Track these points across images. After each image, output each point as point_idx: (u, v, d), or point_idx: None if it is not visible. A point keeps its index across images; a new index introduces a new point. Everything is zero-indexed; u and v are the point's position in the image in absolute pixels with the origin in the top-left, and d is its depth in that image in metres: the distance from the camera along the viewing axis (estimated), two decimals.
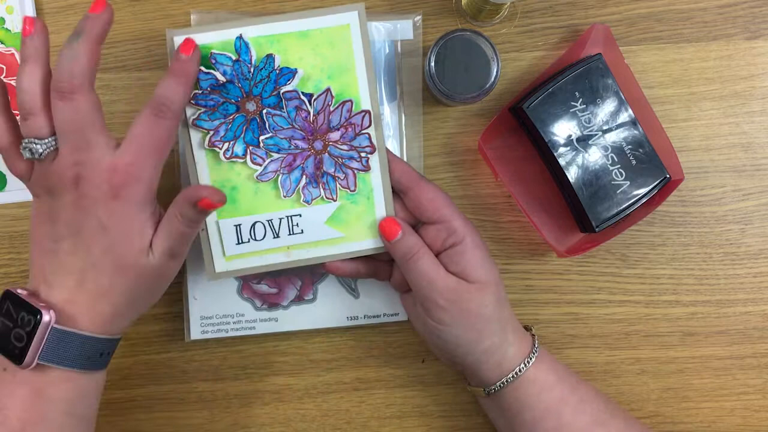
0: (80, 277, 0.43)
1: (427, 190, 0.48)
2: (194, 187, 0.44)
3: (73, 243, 0.43)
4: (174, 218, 0.44)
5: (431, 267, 0.47)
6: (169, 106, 0.44)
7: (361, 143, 0.50)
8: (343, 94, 0.49)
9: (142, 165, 0.43)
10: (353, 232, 0.50)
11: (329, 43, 0.49)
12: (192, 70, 0.45)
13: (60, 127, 0.42)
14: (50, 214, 0.44)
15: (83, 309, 0.43)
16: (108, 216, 0.43)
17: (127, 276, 0.44)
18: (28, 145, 0.42)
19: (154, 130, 0.43)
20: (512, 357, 0.49)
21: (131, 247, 0.43)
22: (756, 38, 0.57)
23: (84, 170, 0.42)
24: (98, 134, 0.43)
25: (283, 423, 0.57)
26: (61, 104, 0.42)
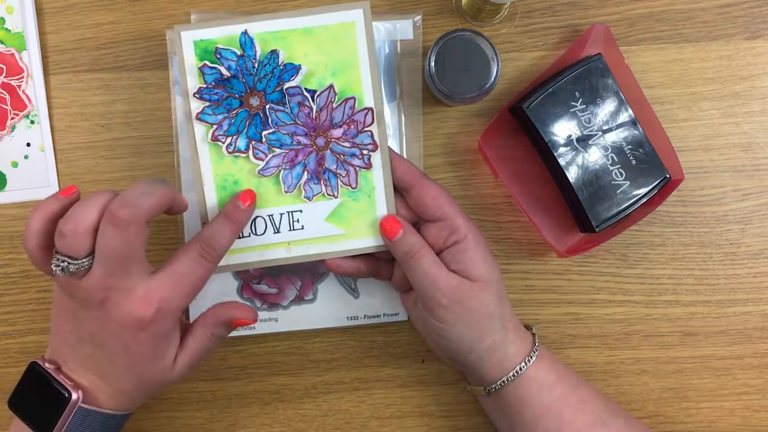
0: (101, 377, 0.44)
1: (430, 188, 0.48)
2: (225, 306, 0.46)
3: (95, 350, 0.44)
4: (204, 337, 0.46)
5: (433, 266, 0.47)
6: (216, 248, 0.45)
7: (364, 140, 0.50)
8: (346, 91, 0.49)
9: (176, 301, 0.43)
10: (354, 229, 0.50)
11: (334, 40, 0.49)
12: (244, 221, 0.48)
13: (102, 251, 0.41)
14: (75, 316, 0.43)
15: (104, 396, 0.44)
16: (133, 343, 0.43)
17: (148, 386, 0.45)
18: (61, 263, 0.41)
19: (196, 269, 0.44)
20: (513, 355, 0.49)
21: (154, 368, 0.44)
22: (756, 38, 0.57)
23: (115, 295, 0.42)
24: (138, 264, 0.42)
25: (283, 423, 0.57)
26: (112, 230, 0.40)
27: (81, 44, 0.56)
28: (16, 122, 0.56)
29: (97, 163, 0.56)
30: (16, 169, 0.56)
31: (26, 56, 0.55)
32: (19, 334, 0.56)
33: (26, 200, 0.56)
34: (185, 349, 0.46)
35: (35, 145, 0.56)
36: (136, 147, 0.56)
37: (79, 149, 0.56)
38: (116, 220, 0.40)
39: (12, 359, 0.56)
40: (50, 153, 0.56)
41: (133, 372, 0.44)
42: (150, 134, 0.56)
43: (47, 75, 0.56)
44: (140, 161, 0.56)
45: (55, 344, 0.45)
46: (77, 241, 0.40)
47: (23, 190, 0.56)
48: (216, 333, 0.46)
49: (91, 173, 0.56)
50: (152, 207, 0.41)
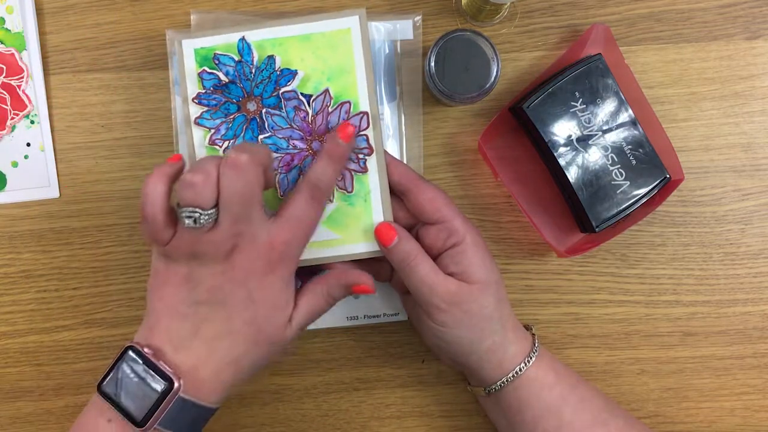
0: (212, 345, 0.43)
1: (427, 191, 0.48)
2: (349, 270, 0.47)
3: (212, 310, 0.43)
4: (321, 297, 0.46)
5: (429, 272, 0.47)
6: (324, 189, 0.46)
7: (359, 145, 0.50)
8: (342, 96, 0.49)
9: (296, 244, 0.44)
10: (350, 234, 0.50)
11: (330, 46, 0.49)
12: (346, 156, 0.47)
13: (226, 198, 0.41)
14: (189, 279, 0.43)
15: (207, 377, 0.43)
16: (258, 290, 0.43)
17: (262, 347, 0.45)
18: (193, 214, 0.41)
19: (310, 211, 0.45)
20: (513, 356, 0.49)
21: (274, 322, 0.44)
22: (756, 38, 0.57)
23: (242, 242, 0.43)
24: (258, 209, 0.43)
25: (283, 423, 0.57)
26: (233, 173, 0.41)
27: (81, 44, 0.56)
28: (16, 122, 0.56)
29: (97, 163, 0.56)
30: (16, 169, 0.56)
31: (26, 56, 0.55)
32: (19, 334, 0.56)
33: (26, 200, 0.56)
34: (299, 308, 0.45)
35: (35, 145, 0.56)
36: (136, 147, 0.56)
37: (79, 149, 0.56)
38: (236, 162, 0.41)
39: (12, 359, 0.56)
40: (50, 153, 0.56)
41: (252, 327, 0.43)
42: (150, 134, 0.56)
43: (47, 75, 0.56)
44: (140, 161, 0.56)
45: (156, 321, 0.44)
46: (207, 189, 0.41)
47: (23, 190, 0.56)
48: (333, 294, 0.46)
49: (91, 173, 0.56)
50: (263, 155, 0.43)
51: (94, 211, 0.56)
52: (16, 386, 0.56)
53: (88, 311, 0.56)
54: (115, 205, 0.56)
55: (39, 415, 0.56)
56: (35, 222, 0.56)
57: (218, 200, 0.42)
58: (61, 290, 0.56)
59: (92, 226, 0.56)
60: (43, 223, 0.56)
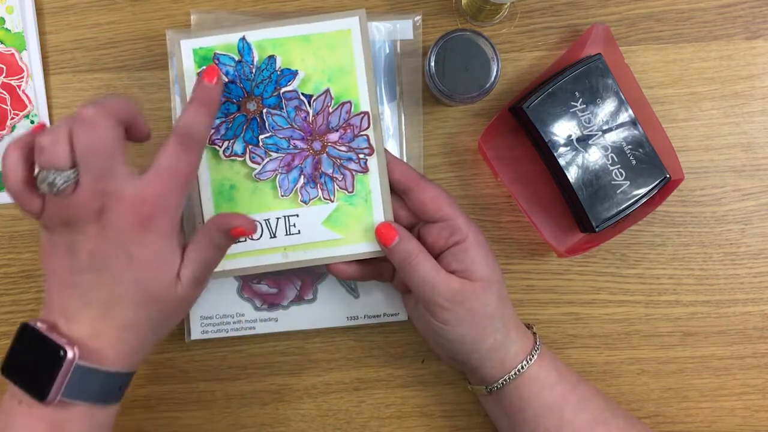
0: (104, 311, 0.42)
1: (428, 190, 0.48)
2: (225, 215, 0.44)
3: (97, 275, 0.42)
4: (203, 246, 0.44)
5: (431, 271, 0.47)
6: (194, 136, 0.43)
7: (360, 145, 0.50)
8: (342, 96, 0.49)
9: (170, 195, 0.42)
10: (351, 234, 0.50)
11: (330, 47, 0.49)
12: (216, 98, 0.45)
13: (82, 155, 0.40)
14: (69, 247, 0.42)
15: (107, 343, 0.42)
16: (136, 248, 0.42)
17: (154, 307, 0.43)
18: (47, 177, 0.40)
19: (180, 162, 0.43)
20: (515, 354, 0.49)
21: (159, 279, 0.43)
22: (756, 38, 0.57)
23: (109, 200, 0.41)
24: (121, 164, 0.42)
25: (283, 423, 0.57)
26: (83, 128, 0.40)
27: (81, 44, 0.56)
28: (16, 122, 0.56)
29: None
30: None
31: (26, 56, 0.55)
32: None
33: None
34: (186, 261, 0.44)
35: None
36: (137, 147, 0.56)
37: None
38: (84, 117, 0.40)
39: None
40: None
41: (138, 287, 0.42)
42: None
43: (47, 75, 0.56)
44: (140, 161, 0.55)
45: (50, 296, 0.43)
46: (58, 149, 0.40)
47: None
48: (215, 242, 0.44)
49: None
50: (114, 105, 0.42)
51: None
52: None
53: None
54: None
55: None
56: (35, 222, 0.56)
57: (76, 159, 0.41)
58: None
59: None
60: None
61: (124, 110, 0.42)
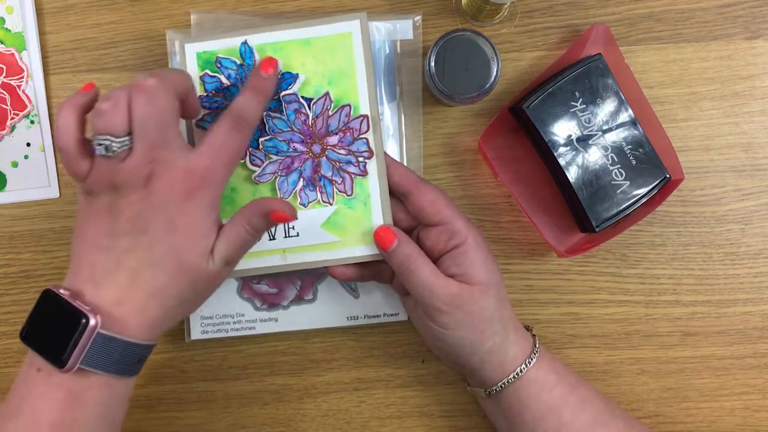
0: (134, 276, 0.42)
1: (428, 193, 0.48)
2: (266, 199, 0.45)
3: (134, 239, 0.42)
4: (240, 226, 0.45)
5: (430, 275, 0.47)
6: (246, 119, 0.45)
7: (359, 148, 0.50)
8: (342, 99, 0.49)
9: (217, 170, 0.43)
10: (350, 237, 0.50)
11: (331, 50, 0.49)
12: (270, 88, 0.47)
13: (139, 123, 0.41)
14: (110, 211, 0.42)
15: (131, 311, 0.42)
16: (179, 215, 0.42)
17: (185, 278, 0.43)
18: (104, 141, 0.41)
19: (231, 140, 0.44)
20: (514, 357, 0.49)
21: (195, 249, 0.43)
22: (756, 38, 0.57)
23: (159, 168, 0.42)
24: (176, 135, 0.43)
25: (283, 423, 0.57)
26: (143, 98, 0.41)
27: (81, 44, 0.56)
28: (16, 122, 0.56)
29: None
30: (16, 169, 0.56)
31: (26, 56, 0.55)
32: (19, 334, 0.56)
33: (26, 200, 0.56)
34: (222, 239, 0.44)
35: (35, 145, 0.56)
36: None
37: None
38: (145, 87, 0.41)
39: (12, 359, 0.56)
40: (50, 153, 0.56)
41: (173, 254, 0.42)
42: None
43: (47, 75, 0.56)
44: None
45: (79, 260, 0.43)
46: (117, 116, 0.41)
47: (23, 190, 0.56)
48: (253, 224, 0.45)
49: None
50: (174, 79, 0.43)
51: None
52: None
53: None
54: None
55: None
56: (35, 222, 0.56)
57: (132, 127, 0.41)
58: None
59: None
60: (43, 223, 0.56)
61: (181, 84, 0.44)
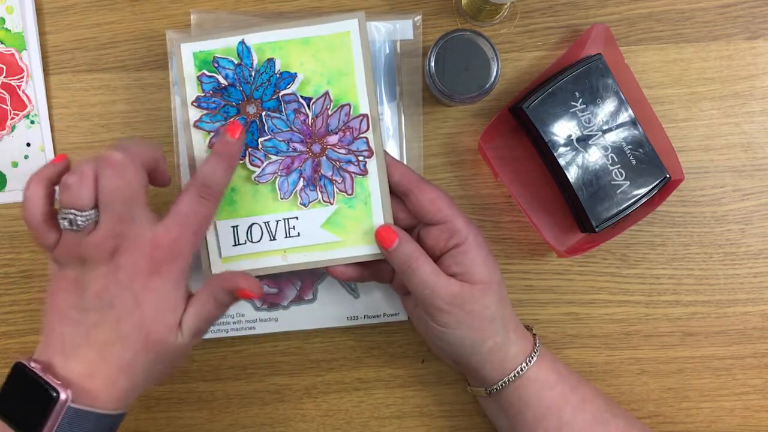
0: (103, 350, 0.42)
1: (428, 192, 0.48)
2: (232, 274, 0.45)
3: (101, 314, 0.42)
4: (207, 301, 0.45)
5: (431, 274, 0.47)
6: (212, 187, 0.45)
7: (359, 147, 0.50)
8: (341, 99, 0.49)
9: (184, 242, 0.43)
10: (350, 237, 0.50)
11: (329, 49, 0.49)
12: (236, 153, 0.47)
13: (105, 197, 0.41)
14: (77, 284, 0.43)
15: (101, 384, 0.42)
16: (145, 291, 0.42)
17: (153, 352, 0.43)
18: (68, 215, 0.41)
19: (198, 210, 0.44)
20: (514, 356, 0.49)
21: (163, 324, 0.43)
22: (756, 38, 0.57)
23: (125, 242, 0.42)
24: (142, 209, 0.43)
25: (283, 423, 0.57)
26: (110, 172, 0.41)
27: (81, 44, 0.56)
28: (16, 122, 0.56)
29: None
30: (16, 169, 0.56)
31: (26, 56, 0.55)
32: (19, 334, 0.56)
33: None
34: (189, 311, 0.44)
35: (35, 145, 0.56)
36: None
37: (79, 149, 0.56)
38: (111, 161, 0.41)
39: (12, 359, 0.56)
40: (50, 153, 0.56)
41: (141, 330, 0.42)
42: (150, 134, 0.56)
43: (47, 75, 0.56)
44: None
45: (50, 331, 0.43)
46: (83, 190, 0.41)
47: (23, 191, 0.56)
48: (219, 299, 0.45)
49: None
50: (141, 152, 0.43)
51: None
52: None
53: None
54: None
55: None
56: None
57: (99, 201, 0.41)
58: None
59: None
60: None
61: (149, 156, 0.44)
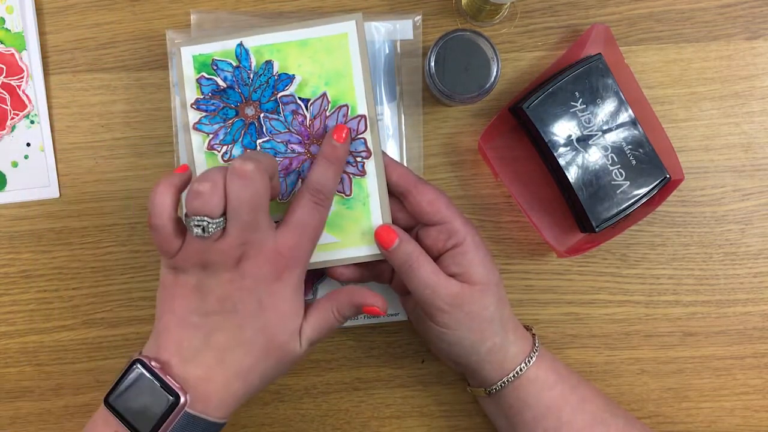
0: (223, 355, 0.43)
1: (427, 192, 0.48)
2: (360, 290, 0.46)
3: (223, 320, 0.43)
4: (329, 312, 0.46)
5: (431, 274, 0.47)
6: (325, 193, 0.46)
7: (357, 148, 0.50)
8: (339, 100, 0.49)
9: (302, 249, 0.45)
10: (349, 237, 0.50)
11: (327, 51, 0.49)
12: (344, 156, 0.48)
13: (234, 206, 0.42)
14: (199, 289, 0.43)
15: (216, 388, 0.43)
16: (268, 296, 0.43)
17: (272, 357, 0.44)
18: (201, 223, 0.41)
19: (314, 216, 0.46)
20: (514, 356, 0.49)
21: (284, 329, 0.44)
22: (756, 38, 0.57)
23: (250, 250, 0.43)
24: (266, 217, 0.43)
25: (283, 423, 0.57)
26: (239, 182, 0.41)
27: (81, 44, 0.56)
28: (16, 122, 0.56)
29: (97, 163, 0.56)
30: (16, 169, 0.56)
31: (26, 56, 0.55)
32: (19, 334, 0.56)
33: (26, 200, 0.56)
34: (309, 321, 0.45)
35: (35, 145, 0.56)
36: (136, 147, 0.56)
37: (79, 149, 0.56)
38: (242, 171, 0.42)
39: (12, 359, 0.56)
40: (50, 153, 0.56)
41: (263, 335, 0.43)
42: (150, 134, 0.56)
43: (47, 75, 0.56)
44: (140, 161, 0.56)
45: (166, 334, 0.43)
46: (214, 198, 0.41)
47: (23, 190, 0.56)
48: (343, 312, 0.46)
49: (91, 173, 0.56)
50: (269, 163, 0.44)
51: (94, 211, 0.56)
52: (16, 386, 0.56)
53: (88, 311, 0.56)
54: (115, 205, 0.56)
55: (39, 415, 0.56)
56: (35, 222, 0.56)
57: (226, 209, 0.42)
58: (61, 290, 0.56)
59: (92, 226, 0.56)
60: (43, 223, 0.56)
61: (271, 168, 0.44)
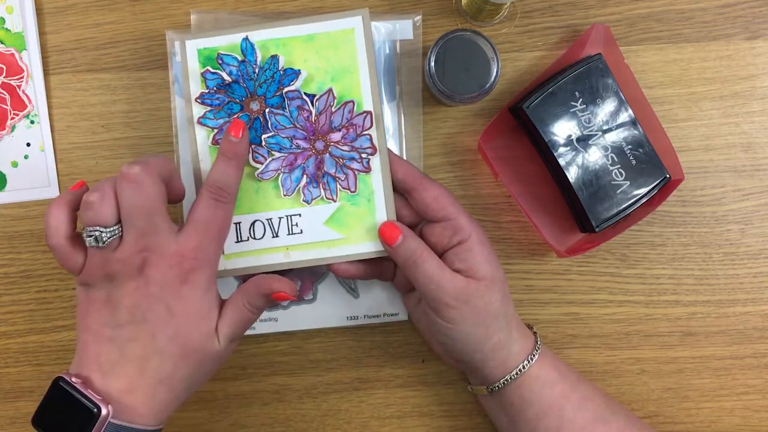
0: (141, 365, 0.43)
1: (431, 189, 0.48)
2: (266, 278, 0.45)
3: (135, 330, 0.43)
4: (241, 305, 0.45)
5: (436, 269, 0.47)
6: (226, 189, 0.45)
7: (363, 144, 0.50)
8: (345, 96, 0.49)
9: (207, 249, 0.44)
10: (353, 234, 0.50)
11: (333, 46, 0.49)
12: (243, 151, 0.47)
13: (127, 212, 0.42)
14: (109, 301, 0.43)
15: (142, 398, 0.43)
16: (176, 301, 0.43)
17: (192, 361, 0.44)
18: (93, 233, 0.41)
19: (215, 214, 0.45)
20: (516, 354, 0.49)
21: (198, 332, 0.44)
22: (756, 38, 0.57)
23: (151, 255, 0.42)
24: (164, 220, 0.43)
25: (283, 423, 0.57)
26: (129, 186, 0.41)
27: (81, 44, 0.56)
28: (16, 122, 0.56)
29: (97, 163, 0.56)
30: (16, 169, 0.56)
31: (26, 56, 0.55)
32: (19, 334, 0.56)
33: (26, 200, 0.56)
34: (224, 317, 0.45)
35: (35, 145, 0.56)
36: (136, 147, 0.56)
37: (79, 149, 0.56)
38: (128, 175, 0.41)
39: (12, 359, 0.56)
40: (50, 153, 0.56)
41: (177, 342, 0.43)
42: (150, 134, 0.56)
43: (47, 75, 0.56)
44: None
45: (84, 349, 0.43)
46: (104, 207, 0.41)
47: (23, 190, 0.56)
48: (254, 303, 0.45)
49: (91, 173, 0.56)
50: (157, 164, 0.43)
51: None
52: (16, 386, 0.56)
53: None
54: None
55: None
56: (35, 222, 0.56)
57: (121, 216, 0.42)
58: (61, 290, 0.56)
59: None
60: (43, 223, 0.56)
61: (164, 169, 0.44)
